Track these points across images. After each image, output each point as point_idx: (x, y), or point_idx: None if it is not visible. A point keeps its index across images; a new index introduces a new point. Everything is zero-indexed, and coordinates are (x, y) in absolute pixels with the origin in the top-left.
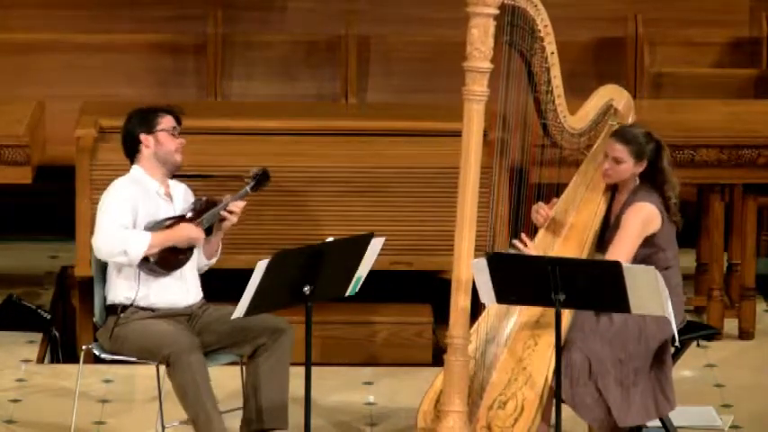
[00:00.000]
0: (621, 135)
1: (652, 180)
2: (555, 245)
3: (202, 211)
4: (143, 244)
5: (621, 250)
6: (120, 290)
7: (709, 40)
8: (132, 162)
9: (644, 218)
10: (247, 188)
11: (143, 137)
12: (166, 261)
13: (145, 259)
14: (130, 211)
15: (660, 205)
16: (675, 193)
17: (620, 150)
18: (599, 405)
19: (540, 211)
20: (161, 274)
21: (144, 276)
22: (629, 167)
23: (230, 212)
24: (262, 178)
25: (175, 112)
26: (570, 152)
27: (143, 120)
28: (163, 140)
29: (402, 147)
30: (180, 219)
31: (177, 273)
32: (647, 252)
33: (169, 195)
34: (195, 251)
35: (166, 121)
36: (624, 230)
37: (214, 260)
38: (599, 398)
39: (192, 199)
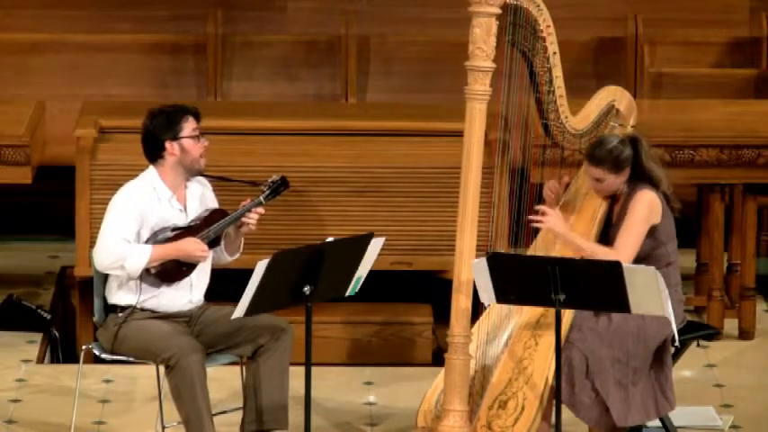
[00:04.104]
0: (593, 157)
1: (640, 178)
2: (556, 246)
3: (211, 222)
4: (141, 260)
5: (630, 237)
6: (120, 294)
7: (709, 40)
8: (152, 162)
9: (649, 203)
10: (261, 198)
11: (168, 144)
12: (168, 273)
13: (145, 270)
14: (136, 222)
15: (660, 194)
16: (666, 185)
17: (597, 172)
18: (596, 405)
19: (551, 187)
20: (162, 285)
21: (145, 284)
22: (613, 181)
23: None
24: (278, 187)
25: (195, 112)
26: (571, 152)
27: (167, 124)
28: (189, 148)
29: (402, 147)
30: (187, 230)
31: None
32: (651, 246)
33: (183, 201)
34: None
35: (189, 125)
36: (631, 217)
37: (237, 255)
38: (596, 398)
39: (210, 198)
